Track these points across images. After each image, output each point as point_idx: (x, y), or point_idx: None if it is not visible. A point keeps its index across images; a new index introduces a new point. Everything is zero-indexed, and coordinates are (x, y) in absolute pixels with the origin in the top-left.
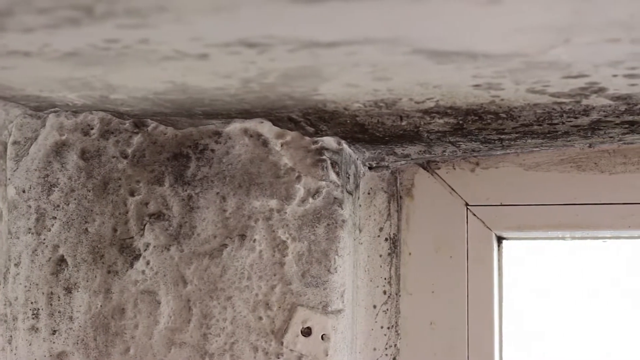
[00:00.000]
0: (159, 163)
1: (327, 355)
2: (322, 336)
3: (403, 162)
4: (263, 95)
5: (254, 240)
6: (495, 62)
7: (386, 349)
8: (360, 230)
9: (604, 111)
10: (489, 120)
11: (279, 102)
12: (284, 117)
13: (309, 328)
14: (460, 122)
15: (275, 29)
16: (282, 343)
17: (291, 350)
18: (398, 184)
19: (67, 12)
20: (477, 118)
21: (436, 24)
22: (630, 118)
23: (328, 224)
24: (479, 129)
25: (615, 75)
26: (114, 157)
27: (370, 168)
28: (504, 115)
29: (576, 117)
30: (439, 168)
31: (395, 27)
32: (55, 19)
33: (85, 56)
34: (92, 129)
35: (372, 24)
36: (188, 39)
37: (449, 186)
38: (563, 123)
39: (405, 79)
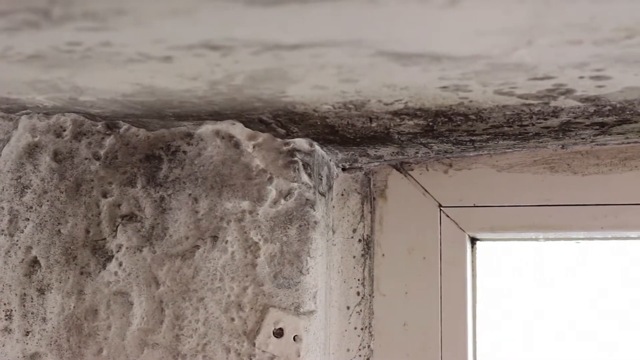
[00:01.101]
0: (131, 165)
1: (299, 356)
2: (294, 337)
3: (376, 163)
4: (231, 97)
5: (226, 242)
6: (460, 64)
7: (360, 349)
8: (333, 232)
9: (573, 113)
10: (458, 122)
11: (248, 104)
12: (254, 118)
13: (281, 329)
14: (430, 123)
15: (236, 32)
16: (254, 344)
17: (263, 351)
18: (371, 185)
19: (25, 15)
20: (446, 119)
21: (395, 27)
22: (600, 119)
23: (300, 225)
24: (449, 131)
25: (581, 77)
26: (86, 158)
27: (343, 169)
28: (473, 117)
29: (546, 119)
30: (412, 169)
31: (355, 29)
32: (15, 22)
33: (49, 59)
34: (64, 130)
35: (331, 27)
36: (150, 42)
37: (422, 187)
38: (533, 124)
39: (372, 80)
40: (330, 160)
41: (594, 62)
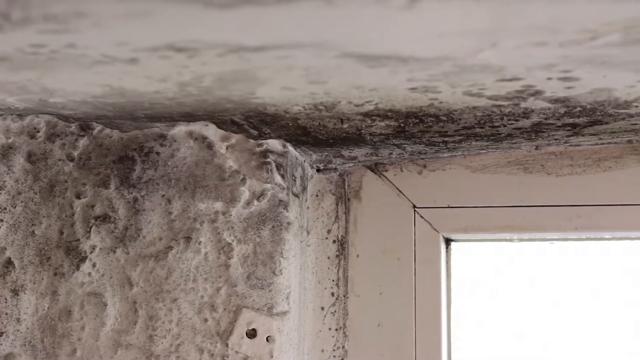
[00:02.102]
0: (104, 166)
1: (272, 356)
2: (267, 338)
3: (351, 164)
4: (202, 99)
5: (200, 243)
6: (427, 65)
7: (334, 350)
8: (308, 233)
9: (543, 114)
10: (430, 123)
11: (219, 106)
12: (227, 120)
13: (254, 330)
14: (402, 124)
15: (197, 34)
16: (227, 345)
17: (236, 351)
18: (346, 186)
19: None
20: (418, 121)
21: (355, 28)
22: (571, 121)
23: (273, 226)
24: (421, 132)
25: (549, 79)
26: (60, 160)
27: (318, 170)
28: (444, 118)
29: (517, 120)
30: (386, 170)
31: (316, 31)
32: None
33: (15, 61)
34: (38, 132)
35: (292, 29)
36: (114, 44)
37: (397, 188)
38: (505, 125)
39: (341, 82)
40: (304, 161)
41: (561, 64)
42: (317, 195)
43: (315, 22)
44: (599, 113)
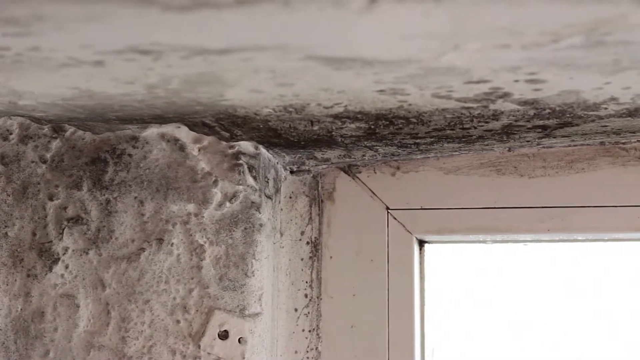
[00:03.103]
0: (77, 168)
1: (243, 358)
2: (239, 339)
3: (324, 166)
4: (171, 101)
5: (172, 244)
6: (392, 68)
7: (307, 351)
8: (281, 234)
9: (513, 116)
10: (400, 125)
11: (189, 108)
12: (198, 122)
13: (226, 331)
14: (372, 126)
15: (159, 37)
16: (199, 346)
17: (208, 353)
18: (319, 188)
19: None
20: (388, 123)
21: (315, 31)
22: (541, 122)
23: (245, 228)
24: (392, 134)
25: (516, 81)
26: (33, 161)
27: (291, 172)
28: (414, 120)
29: (487, 122)
30: (360, 172)
31: (277, 34)
32: None
33: None
34: (11, 134)
35: (253, 32)
36: (78, 47)
37: (370, 190)
38: (475, 127)
39: (308, 84)
40: (277, 163)
41: (526, 66)
42: (290, 197)
43: (274, 25)
44: (568, 115)
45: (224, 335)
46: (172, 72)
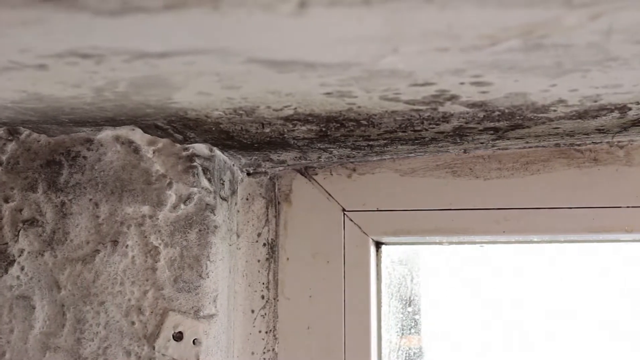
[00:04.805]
0: (32, 170)
1: (198, 359)
2: (193, 341)
3: (281, 168)
4: (120, 104)
5: (127, 246)
6: (335, 71)
7: (264, 353)
8: (238, 236)
9: (463, 118)
10: (351, 127)
11: (140, 111)
12: (150, 124)
13: (180, 332)
14: (324, 129)
15: (96, 41)
16: (154, 347)
17: (163, 354)
18: (276, 190)
19: None
20: (339, 125)
21: (249, 35)
22: (492, 124)
23: (200, 230)
24: (344, 136)
25: (462, 83)
26: None
27: (248, 174)
28: (365, 122)
29: (437, 124)
30: (316, 174)
31: (212, 37)
32: None
33: None
34: None
35: (187, 35)
36: (18, 51)
37: (326, 192)
38: (426, 129)
39: (254, 87)
40: (233, 165)
41: (469, 69)
42: (247, 199)
43: (206, 29)
44: (518, 117)
45: (178, 337)
46: (118, 75)
